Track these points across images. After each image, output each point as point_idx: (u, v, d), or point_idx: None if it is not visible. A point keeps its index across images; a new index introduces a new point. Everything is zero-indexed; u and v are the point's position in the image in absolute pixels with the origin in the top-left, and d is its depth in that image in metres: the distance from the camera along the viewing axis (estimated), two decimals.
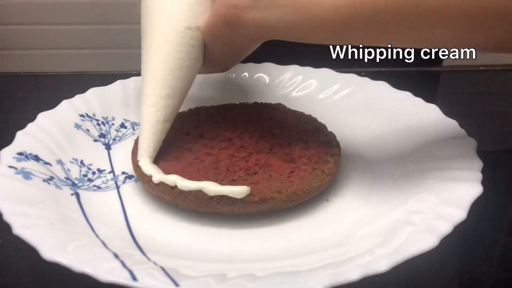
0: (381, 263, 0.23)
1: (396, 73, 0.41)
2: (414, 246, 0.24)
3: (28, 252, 0.28)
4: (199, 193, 0.30)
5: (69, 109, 0.38)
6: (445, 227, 0.25)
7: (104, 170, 0.35)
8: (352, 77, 0.42)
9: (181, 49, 0.31)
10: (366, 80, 0.42)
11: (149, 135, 0.32)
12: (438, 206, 0.28)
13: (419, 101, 0.38)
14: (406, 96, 0.39)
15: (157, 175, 0.31)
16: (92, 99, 0.39)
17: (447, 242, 0.25)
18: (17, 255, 0.30)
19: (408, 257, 0.23)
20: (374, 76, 0.42)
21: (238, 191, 0.29)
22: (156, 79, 0.32)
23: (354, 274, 0.22)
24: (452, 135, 0.34)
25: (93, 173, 0.35)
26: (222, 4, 0.29)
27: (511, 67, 0.52)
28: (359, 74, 0.42)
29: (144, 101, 0.32)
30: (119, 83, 0.41)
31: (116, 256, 0.25)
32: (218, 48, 0.31)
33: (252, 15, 0.28)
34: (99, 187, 0.33)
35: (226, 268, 0.25)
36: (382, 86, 0.41)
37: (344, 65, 0.42)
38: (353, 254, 0.25)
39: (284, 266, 0.25)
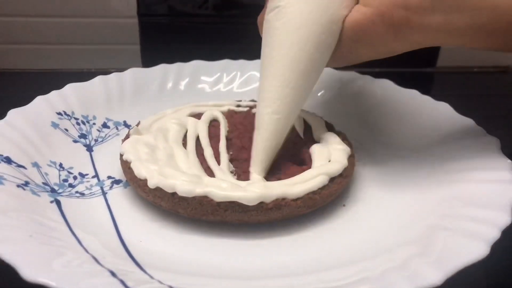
0: (432, 275, 0.20)
1: (388, 74, 0.39)
2: (463, 255, 0.21)
3: (4, 271, 0.24)
4: (204, 199, 0.26)
5: (44, 106, 0.33)
6: (492, 233, 0.22)
7: (87, 174, 0.31)
8: (353, 75, 0.40)
9: (318, 47, 0.27)
10: (368, 78, 0.39)
11: (267, 147, 0.28)
12: (476, 210, 0.25)
13: (428, 99, 0.36)
14: (414, 94, 0.37)
15: (153, 179, 0.27)
16: (70, 96, 0.35)
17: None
18: None
19: (460, 268, 0.21)
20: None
21: (250, 197, 0.26)
22: (284, 82, 0.27)
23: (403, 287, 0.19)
24: (470, 134, 0.32)
25: (75, 177, 0.30)
26: (386, 2, 0.24)
27: (505, 68, 0.52)
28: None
29: (266, 104, 0.28)
30: (99, 79, 0.37)
31: (113, 274, 0.21)
32: (363, 48, 0.27)
33: (428, 19, 0.24)
34: (82, 194, 0.29)
35: (246, 285, 0.22)
36: (386, 84, 0.38)
37: None
38: (388, 265, 0.22)
39: (314, 282, 0.22)
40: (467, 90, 0.49)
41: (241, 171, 0.29)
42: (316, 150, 0.30)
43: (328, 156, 0.29)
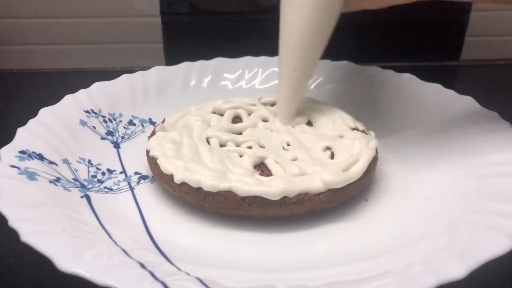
0: (455, 268, 0.20)
1: (411, 68, 0.39)
2: (487, 249, 0.21)
3: (35, 263, 0.25)
4: (228, 194, 0.27)
5: (73, 104, 0.34)
6: None
7: (114, 170, 0.32)
8: (375, 70, 0.40)
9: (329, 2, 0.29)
10: (391, 72, 0.39)
11: (288, 101, 0.31)
12: (500, 204, 0.25)
13: (452, 93, 0.36)
14: (437, 88, 0.36)
15: (179, 174, 0.27)
16: (97, 94, 0.36)
17: None
18: (22, 266, 0.26)
19: (483, 261, 0.21)
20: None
21: (273, 191, 0.26)
22: (299, 41, 0.30)
23: (426, 281, 0.20)
24: (495, 127, 0.31)
25: (103, 173, 0.31)
26: None
27: None
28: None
29: (285, 63, 0.31)
30: (125, 78, 0.38)
31: (142, 266, 0.22)
32: None
33: None
34: (110, 189, 0.30)
35: (271, 278, 0.22)
36: (409, 78, 0.38)
37: (358, 59, 0.40)
38: (411, 258, 0.22)
39: (336, 275, 0.22)
40: (491, 84, 0.48)
41: (264, 167, 0.29)
42: (338, 144, 0.30)
43: (351, 150, 0.29)
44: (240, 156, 0.29)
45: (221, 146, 0.30)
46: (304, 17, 0.29)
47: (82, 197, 0.28)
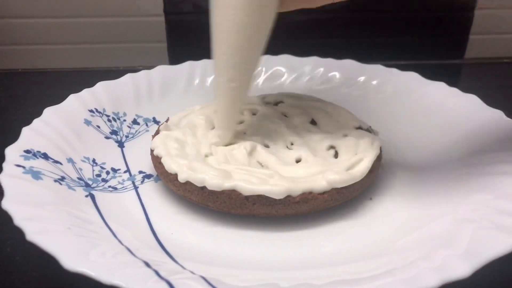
0: (460, 267, 0.20)
1: (414, 66, 0.39)
2: (492, 248, 0.21)
3: (40, 262, 0.25)
4: (232, 193, 0.27)
5: (77, 104, 0.35)
6: None
7: (119, 169, 0.32)
8: (378, 68, 0.40)
9: (261, 7, 0.26)
10: (394, 71, 0.39)
11: (228, 114, 0.29)
12: (504, 202, 0.25)
13: (456, 91, 0.36)
14: (441, 86, 0.36)
15: (183, 173, 0.28)
16: (101, 94, 0.36)
17: None
18: (27, 265, 0.26)
19: (488, 260, 0.21)
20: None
21: (277, 190, 0.26)
22: (234, 48, 0.27)
23: (431, 280, 0.20)
24: (500, 126, 0.31)
25: (107, 172, 0.31)
26: None
27: None
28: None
29: (220, 73, 0.28)
30: (128, 77, 0.38)
31: (147, 264, 0.22)
32: None
33: None
34: (115, 188, 0.30)
35: (276, 277, 0.22)
36: (413, 77, 0.38)
37: (361, 58, 0.40)
38: (416, 257, 0.22)
39: (340, 273, 0.22)
40: (496, 82, 0.48)
41: (268, 164, 0.29)
42: (342, 143, 0.30)
43: (355, 149, 0.29)
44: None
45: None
46: (236, 21, 0.26)
47: (86, 196, 0.28)
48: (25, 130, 0.30)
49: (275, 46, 0.42)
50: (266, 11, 0.26)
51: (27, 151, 0.29)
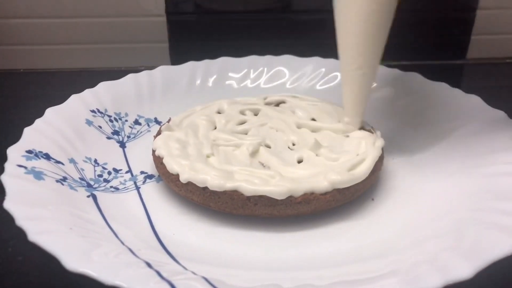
0: (463, 268, 0.20)
1: (417, 67, 0.39)
2: (495, 248, 0.21)
3: (42, 262, 0.25)
4: (234, 193, 0.27)
5: (79, 104, 0.35)
6: None
7: (120, 169, 0.32)
8: (381, 69, 0.39)
9: None
10: (396, 71, 0.39)
11: (357, 101, 0.30)
12: (507, 203, 0.25)
13: (458, 92, 0.36)
14: (443, 87, 0.36)
15: (185, 174, 0.28)
16: (103, 94, 0.36)
17: None
18: (29, 265, 0.26)
19: (491, 261, 0.21)
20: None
21: (279, 191, 0.26)
22: (365, 37, 0.28)
23: (433, 280, 0.19)
24: (502, 126, 0.31)
25: (109, 173, 0.31)
26: None
27: None
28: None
29: (350, 61, 0.29)
30: (130, 77, 0.38)
31: (149, 265, 0.22)
32: None
33: None
34: (116, 188, 0.30)
35: (278, 277, 0.22)
36: (415, 77, 0.38)
37: None
38: (418, 258, 0.22)
39: (342, 274, 0.22)
40: (498, 82, 0.48)
41: (270, 165, 0.29)
42: (344, 144, 0.30)
43: (357, 150, 0.29)
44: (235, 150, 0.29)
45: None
46: (363, 10, 0.27)
47: (88, 196, 0.28)
48: (27, 130, 0.30)
49: (276, 47, 0.42)
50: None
51: (29, 151, 0.29)
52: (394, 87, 0.38)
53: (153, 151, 0.31)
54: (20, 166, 0.27)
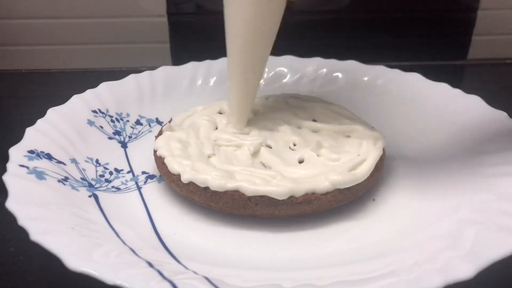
0: (464, 268, 0.20)
1: (417, 67, 0.39)
2: (496, 249, 0.21)
3: (44, 262, 0.25)
4: (235, 193, 0.27)
5: (81, 104, 0.35)
6: None
7: (122, 170, 0.32)
8: (381, 69, 0.40)
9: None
10: (397, 72, 0.39)
11: (241, 104, 0.30)
12: (508, 204, 0.25)
13: (459, 92, 0.36)
14: (444, 88, 0.36)
15: (186, 174, 0.28)
16: (105, 94, 0.36)
17: None
18: (31, 265, 0.26)
19: (492, 261, 0.21)
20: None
21: (280, 191, 0.26)
22: (244, 41, 0.28)
23: (434, 281, 0.19)
24: (503, 127, 0.31)
25: (110, 173, 0.31)
26: None
27: None
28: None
29: (234, 65, 0.30)
30: (132, 77, 0.38)
31: (150, 265, 0.22)
32: None
33: None
34: (118, 188, 0.30)
35: (278, 277, 0.22)
36: (416, 78, 0.38)
37: (364, 59, 0.40)
38: (419, 258, 0.22)
39: (343, 274, 0.22)
40: (499, 83, 0.48)
41: (271, 165, 0.29)
42: (345, 144, 0.30)
43: (358, 150, 0.29)
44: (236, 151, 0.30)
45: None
46: (246, 15, 0.27)
47: (90, 196, 0.29)
48: (29, 131, 0.30)
49: (277, 47, 0.42)
50: (274, 5, 0.27)
51: (31, 152, 0.29)
52: (395, 87, 0.38)
53: (155, 151, 0.31)
54: (22, 166, 0.27)
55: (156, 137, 0.32)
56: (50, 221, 0.24)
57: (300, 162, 0.29)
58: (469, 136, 0.32)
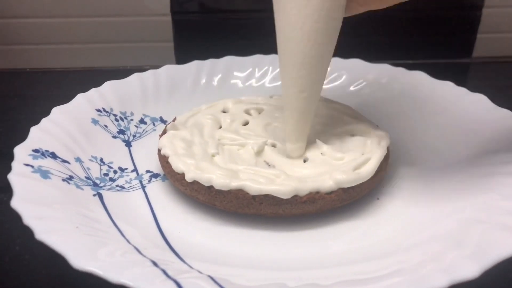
0: (469, 268, 0.20)
1: (422, 66, 0.39)
2: (501, 248, 0.21)
3: (49, 260, 0.26)
4: (239, 192, 0.27)
5: (85, 103, 0.35)
6: None
7: (126, 168, 0.32)
8: (385, 67, 0.40)
9: (331, 12, 0.25)
10: (401, 70, 0.39)
11: (299, 126, 0.28)
12: (511, 203, 0.25)
13: (464, 90, 0.35)
14: (449, 86, 0.36)
15: (190, 173, 0.28)
16: (109, 93, 0.36)
17: None
18: (36, 264, 0.26)
19: (497, 261, 0.20)
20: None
21: (284, 190, 0.26)
22: (304, 58, 0.26)
23: (439, 280, 0.19)
24: (508, 126, 0.31)
25: (115, 172, 0.32)
26: None
27: None
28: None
29: (290, 84, 0.27)
30: (136, 76, 0.38)
31: (155, 264, 0.22)
32: None
33: None
34: (122, 187, 0.30)
35: (283, 277, 0.22)
36: (421, 76, 0.38)
37: (368, 57, 0.40)
38: (423, 258, 0.22)
39: (348, 273, 0.22)
40: (504, 81, 0.48)
41: (275, 164, 0.29)
42: (349, 143, 0.30)
43: (362, 149, 0.29)
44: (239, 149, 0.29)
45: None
46: (305, 30, 0.25)
47: (94, 195, 0.29)
48: (33, 130, 0.31)
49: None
50: (335, 16, 0.25)
51: (36, 151, 0.29)
52: (399, 86, 0.38)
53: (159, 150, 0.31)
54: (27, 165, 0.27)
55: (160, 136, 0.32)
56: (55, 220, 0.24)
57: (304, 161, 0.29)
58: (474, 135, 0.32)
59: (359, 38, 0.47)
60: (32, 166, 0.28)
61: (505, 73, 0.48)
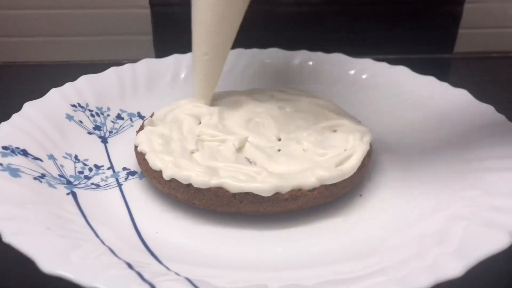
0: (453, 266, 0.20)
1: (404, 60, 0.38)
2: (484, 245, 0.21)
3: (22, 263, 0.24)
4: (219, 190, 0.26)
5: (59, 98, 0.33)
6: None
7: (102, 166, 0.31)
8: (368, 62, 0.39)
9: None
10: (384, 65, 0.39)
11: (203, 85, 0.32)
12: (496, 199, 0.25)
13: (446, 85, 0.35)
14: (431, 81, 0.36)
15: (168, 170, 0.27)
16: (84, 88, 0.35)
17: None
18: (4, 268, 0.25)
19: (481, 258, 0.20)
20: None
21: (265, 188, 0.25)
22: (207, 25, 0.30)
23: (423, 279, 0.19)
24: (490, 121, 0.31)
25: (90, 169, 0.30)
26: None
27: None
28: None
29: (196, 48, 0.31)
30: (113, 70, 0.37)
31: (129, 266, 0.21)
32: None
33: None
34: (98, 186, 0.29)
35: (264, 277, 0.22)
36: (403, 71, 0.38)
37: (351, 51, 0.40)
38: (407, 256, 0.22)
39: (330, 273, 0.22)
40: (486, 76, 0.48)
41: (256, 160, 0.28)
42: (331, 138, 0.29)
43: (345, 145, 0.29)
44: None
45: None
46: (212, 2, 0.29)
47: (68, 194, 0.28)
48: (3, 126, 0.29)
49: (263, 40, 0.41)
50: None
51: (5, 148, 0.28)
52: (381, 80, 0.38)
53: (136, 147, 0.30)
54: None
55: (138, 132, 0.31)
56: (25, 221, 0.23)
57: (286, 157, 0.28)
58: (456, 130, 0.32)
59: (341, 32, 0.47)
60: (1, 164, 0.26)
61: (486, 68, 0.49)
